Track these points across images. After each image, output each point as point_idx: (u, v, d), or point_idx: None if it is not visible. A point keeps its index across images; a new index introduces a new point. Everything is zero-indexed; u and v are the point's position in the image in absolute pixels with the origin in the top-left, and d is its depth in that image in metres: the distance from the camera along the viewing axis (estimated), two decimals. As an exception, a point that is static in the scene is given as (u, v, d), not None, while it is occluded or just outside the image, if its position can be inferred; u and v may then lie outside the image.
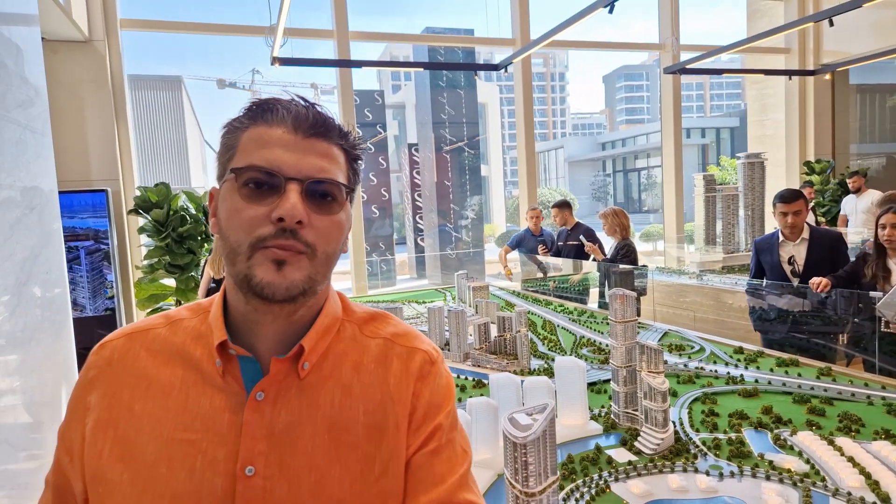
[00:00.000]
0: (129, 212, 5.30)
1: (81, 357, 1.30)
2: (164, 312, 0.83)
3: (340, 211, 0.74)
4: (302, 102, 0.73)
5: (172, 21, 6.17)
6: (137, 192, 5.33)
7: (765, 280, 3.56)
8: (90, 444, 0.73)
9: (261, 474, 0.69)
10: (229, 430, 0.71)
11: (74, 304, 4.93)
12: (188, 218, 5.37)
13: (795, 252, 3.36)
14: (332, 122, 0.74)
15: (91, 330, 5.02)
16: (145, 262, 5.36)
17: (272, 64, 5.18)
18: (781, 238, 3.42)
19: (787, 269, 3.35)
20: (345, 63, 5.89)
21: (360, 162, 0.79)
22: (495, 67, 5.58)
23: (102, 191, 5.09)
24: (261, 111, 0.73)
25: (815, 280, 3.17)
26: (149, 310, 5.33)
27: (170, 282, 5.43)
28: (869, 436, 1.85)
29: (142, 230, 5.33)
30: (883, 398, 2.15)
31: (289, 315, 0.74)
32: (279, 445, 0.71)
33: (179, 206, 5.39)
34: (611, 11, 3.50)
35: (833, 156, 8.09)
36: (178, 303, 5.41)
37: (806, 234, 3.34)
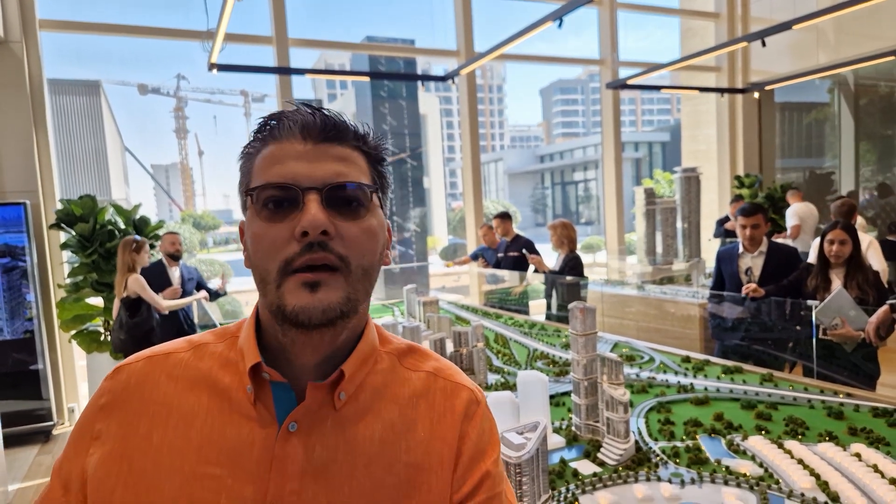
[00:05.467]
0: (51, 226, 4.92)
1: None
2: (186, 337, 0.74)
3: (368, 215, 0.67)
4: (308, 109, 0.67)
5: (97, 23, 5.80)
6: (59, 205, 4.96)
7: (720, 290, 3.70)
8: (101, 479, 0.64)
9: None
10: (258, 465, 0.64)
11: (-12, 326, 4.52)
12: (117, 232, 5.04)
13: (753, 264, 3.51)
14: (345, 124, 0.68)
15: (8, 354, 4.61)
16: (69, 281, 4.99)
17: (209, 70, 4.97)
18: (741, 250, 3.57)
19: (744, 279, 3.50)
20: (286, 70, 5.74)
21: (384, 164, 0.73)
22: (443, 79, 5.58)
23: (20, 204, 4.71)
24: (268, 129, 0.68)
25: (748, 286, 3.33)
26: (73, 332, 4.96)
27: (97, 301, 5.07)
28: (814, 438, 1.93)
29: (65, 246, 4.96)
30: (822, 402, 2.26)
31: (331, 342, 0.67)
32: (312, 484, 0.64)
33: (107, 220, 5.06)
34: (560, 26, 3.58)
35: (760, 170, 8.60)
36: (107, 323, 5.07)
37: (764, 247, 3.50)
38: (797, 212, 6.24)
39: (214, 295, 4.93)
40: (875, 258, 3.87)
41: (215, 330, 0.75)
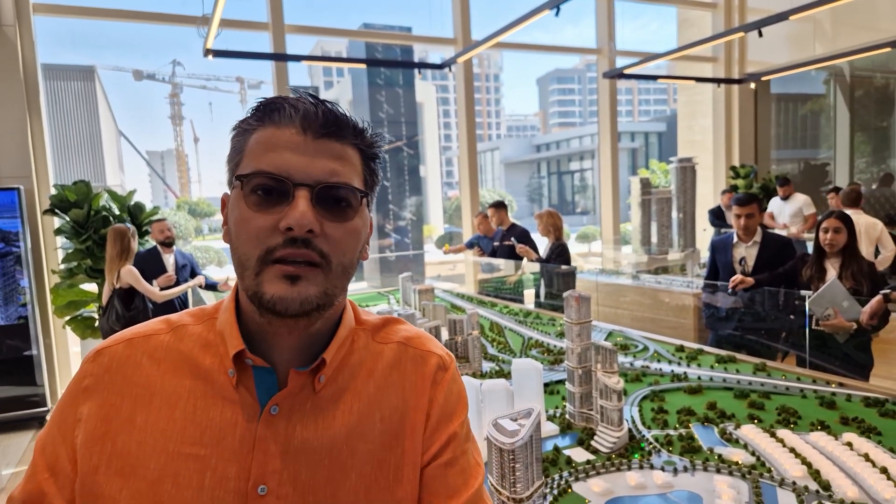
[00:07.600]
0: (45, 212, 4.89)
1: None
2: (163, 317, 0.75)
3: (356, 217, 0.69)
4: (311, 100, 0.68)
5: (92, 7, 5.73)
6: (54, 191, 4.92)
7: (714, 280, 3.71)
8: (83, 459, 0.66)
9: (274, 493, 0.65)
10: (241, 445, 0.66)
11: (-19, 312, 4.50)
12: (111, 219, 5.02)
13: (747, 253, 3.51)
14: (345, 120, 0.69)
15: (2, 340, 4.59)
16: (63, 267, 4.96)
17: (205, 56, 4.92)
18: (736, 239, 3.57)
19: (738, 269, 3.50)
20: (283, 57, 5.69)
21: (377, 161, 0.74)
22: (439, 67, 5.54)
23: (14, 189, 4.67)
24: (268, 111, 0.68)
25: (735, 277, 3.34)
26: (67, 318, 4.94)
27: (91, 287, 5.05)
28: (806, 427, 1.94)
29: (59, 232, 4.93)
30: (814, 391, 2.27)
31: (305, 328, 0.69)
32: (293, 462, 0.67)
33: (101, 206, 5.03)
34: (557, 14, 3.55)
35: (756, 161, 8.60)
36: (101, 309, 5.05)
37: (758, 237, 3.49)
38: (811, 202, 6.19)
39: (211, 286, 4.92)
40: (887, 242, 3.97)
41: (192, 310, 0.76)
